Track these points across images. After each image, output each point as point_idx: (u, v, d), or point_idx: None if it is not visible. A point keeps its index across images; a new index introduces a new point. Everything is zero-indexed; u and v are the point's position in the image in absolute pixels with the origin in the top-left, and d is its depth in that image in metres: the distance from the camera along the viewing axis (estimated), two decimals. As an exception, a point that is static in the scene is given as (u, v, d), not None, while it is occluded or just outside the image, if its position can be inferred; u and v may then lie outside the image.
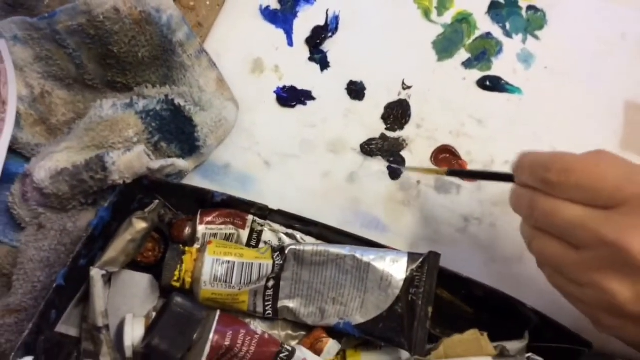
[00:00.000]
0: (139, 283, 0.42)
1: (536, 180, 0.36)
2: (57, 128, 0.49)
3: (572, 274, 0.34)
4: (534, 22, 0.57)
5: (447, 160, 0.52)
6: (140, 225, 0.40)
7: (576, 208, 0.33)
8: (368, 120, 0.53)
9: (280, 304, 0.41)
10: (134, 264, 0.43)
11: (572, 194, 0.34)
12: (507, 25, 0.57)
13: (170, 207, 0.45)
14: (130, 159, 0.40)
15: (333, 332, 0.42)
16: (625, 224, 0.31)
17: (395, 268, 0.40)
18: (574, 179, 0.34)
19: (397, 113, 0.53)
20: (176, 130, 0.46)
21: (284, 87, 0.53)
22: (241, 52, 0.54)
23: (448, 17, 0.57)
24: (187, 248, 0.41)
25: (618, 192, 0.32)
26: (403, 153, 0.52)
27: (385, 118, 0.53)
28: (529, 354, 0.38)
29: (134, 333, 0.40)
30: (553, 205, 0.34)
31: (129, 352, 0.40)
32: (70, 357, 0.42)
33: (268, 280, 0.40)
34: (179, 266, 0.40)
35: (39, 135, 0.49)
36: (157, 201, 0.41)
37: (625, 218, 0.32)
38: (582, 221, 0.33)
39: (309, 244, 0.40)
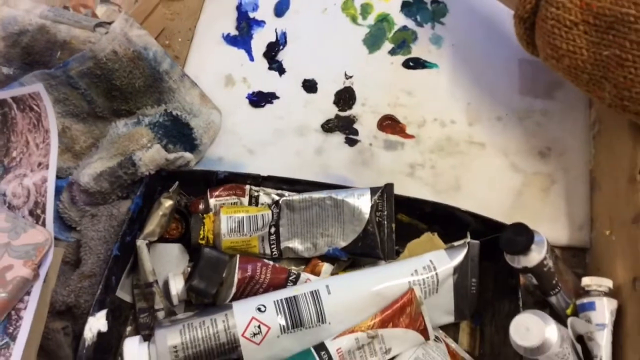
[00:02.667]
0: (172, 251, 0.55)
1: None
2: (81, 152, 0.61)
3: None
4: (438, 12, 0.73)
5: (390, 125, 0.66)
6: (167, 202, 0.52)
7: None
8: (323, 107, 0.67)
9: (282, 245, 0.54)
10: (164, 239, 0.55)
11: None
12: (418, 18, 0.73)
13: (185, 194, 0.57)
14: (152, 154, 0.53)
15: (325, 258, 0.55)
16: None
17: (362, 200, 0.54)
18: None
19: (345, 97, 0.67)
20: (178, 134, 0.59)
21: (253, 92, 0.67)
22: (214, 72, 0.68)
23: (371, 19, 0.72)
24: (205, 215, 0.54)
25: None
26: (355, 126, 0.66)
27: (336, 102, 0.67)
28: (468, 239, 0.52)
29: (176, 285, 0.52)
30: None
31: (175, 300, 0.52)
32: (127, 318, 0.54)
33: (270, 227, 0.53)
34: (202, 228, 0.53)
35: (67, 160, 0.61)
36: (177, 182, 0.54)
37: None
38: None
39: (296, 194, 0.54)
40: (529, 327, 0.45)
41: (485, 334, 0.55)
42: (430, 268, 0.51)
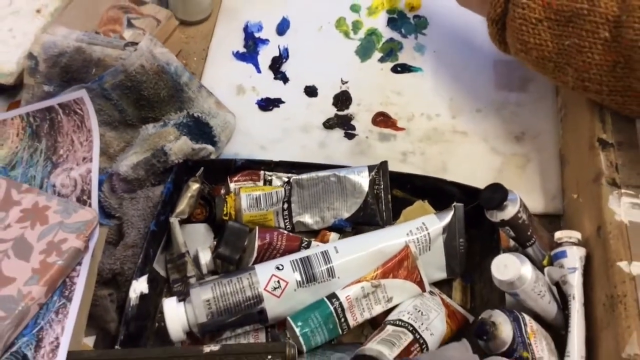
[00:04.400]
0: (199, 230, 0.63)
1: None
2: (115, 155, 0.70)
3: None
4: (420, 25, 0.83)
5: (383, 120, 0.75)
6: (194, 185, 0.61)
7: None
8: (324, 108, 0.76)
9: (294, 219, 0.63)
10: (191, 221, 0.64)
11: None
12: (403, 31, 0.83)
13: (207, 183, 0.66)
14: (180, 145, 0.62)
15: (332, 229, 0.63)
16: None
17: (362, 176, 0.62)
18: None
19: (342, 99, 0.77)
20: (199, 132, 0.68)
21: (262, 98, 0.77)
22: (227, 83, 0.78)
23: (361, 34, 0.83)
24: (227, 195, 0.62)
25: None
26: (352, 122, 0.75)
27: (335, 104, 0.77)
28: (454, 204, 0.60)
29: (205, 256, 0.60)
30: None
31: (204, 269, 0.60)
32: (162, 290, 0.62)
33: (283, 203, 0.62)
34: (225, 205, 0.61)
35: (103, 162, 0.69)
36: (202, 167, 0.63)
37: None
38: None
39: (304, 174, 0.63)
40: (507, 265, 0.53)
41: (476, 291, 0.63)
42: (422, 228, 0.59)
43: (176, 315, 0.54)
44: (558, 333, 0.57)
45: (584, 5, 0.58)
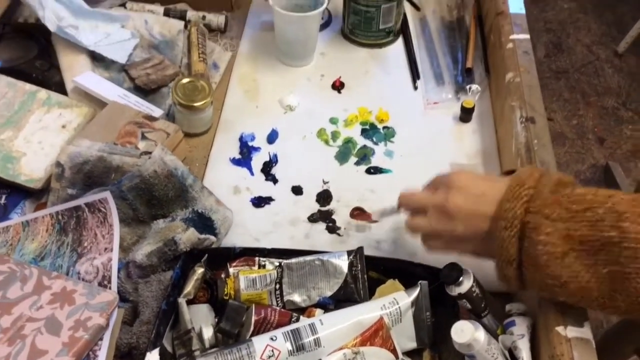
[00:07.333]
0: (202, 310, 0.73)
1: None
2: (128, 248, 0.81)
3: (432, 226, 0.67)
4: (389, 134, 0.99)
5: (359, 214, 0.88)
6: (200, 270, 0.72)
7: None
8: (308, 204, 0.89)
9: (285, 298, 0.73)
10: (195, 302, 0.74)
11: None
12: (374, 139, 0.98)
13: (209, 270, 0.77)
14: (189, 235, 0.73)
15: (318, 306, 0.73)
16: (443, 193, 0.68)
17: (342, 260, 0.74)
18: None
19: (324, 196, 0.90)
20: (202, 225, 0.80)
21: (255, 197, 0.90)
22: (225, 184, 0.91)
23: (339, 142, 0.97)
24: (227, 278, 0.73)
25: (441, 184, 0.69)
26: (333, 217, 0.88)
27: (317, 201, 0.89)
28: (420, 282, 0.72)
29: (208, 331, 0.70)
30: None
31: (207, 343, 0.69)
32: (170, 364, 0.71)
33: (275, 284, 0.73)
34: (225, 287, 0.72)
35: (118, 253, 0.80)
36: (206, 254, 0.74)
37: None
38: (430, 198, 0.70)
39: (293, 259, 0.74)
40: (464, 329, 0.63)
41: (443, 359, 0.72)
42: (394, 303, 0.70)
43: (184, 383, 0.63)
44: (512, 391, 0.66)
45: (612, 233, 0.52)
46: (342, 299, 0.73)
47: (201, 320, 0.72)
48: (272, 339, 0.66)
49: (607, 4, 2.57)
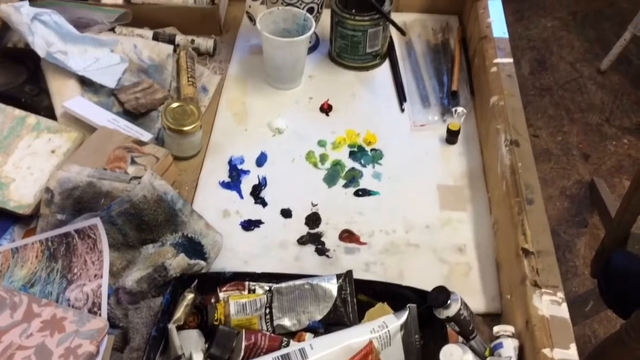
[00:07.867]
0: (192, 336, 0.73)
1: None
2: (117, 273, 0.81)
3: None
4: (376, 156, 1.00)
5: (348, 237, 0.88)
6: (189, 295, 0.72)
7: None
8: (298, 227, 0.90)
9: (275, 323, 0.73)
10: (186, 328, 0.74)
11: None
12: (362, 162, 0.99)
13: (199, 295, 0.77)
14: (179, 261, 0.74)
15: (308, 330, 0.74)
16: None
17: (331, 284, 0.74)
18: None
19: (313, 219, 0.91)
20: (192, 250, 0.80)
21: (244, 220, 0.90)
22: (215, 207, 0.92)
23: (328, 164, 0.99)
24: (217, 303, 0.73)
25: None
26: (322, 239, 0.88)
27: (307, 223, 0.90)
28: (409, 305, 0.72)
29: (198, 357, 0.70)
30: None
31: (197, 369, 0.70)
32: (160, 390, 0.71)
33: (265, 308, 0.73)
34: (215, 312, 0.72)
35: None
36: (196, 280, 0.74)
37: None
38: None
39: (283, 283, 0.75)
40: (452, 353, 0.64)
41: (432, 381, 0.73)
42: (383, 326, 0.71)
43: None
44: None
45: None
46: (331, 323, 0.74)
47: (191, 346, 0.72)
48: (262, 364, 0.66)
49: (589, 22, 2.62)
